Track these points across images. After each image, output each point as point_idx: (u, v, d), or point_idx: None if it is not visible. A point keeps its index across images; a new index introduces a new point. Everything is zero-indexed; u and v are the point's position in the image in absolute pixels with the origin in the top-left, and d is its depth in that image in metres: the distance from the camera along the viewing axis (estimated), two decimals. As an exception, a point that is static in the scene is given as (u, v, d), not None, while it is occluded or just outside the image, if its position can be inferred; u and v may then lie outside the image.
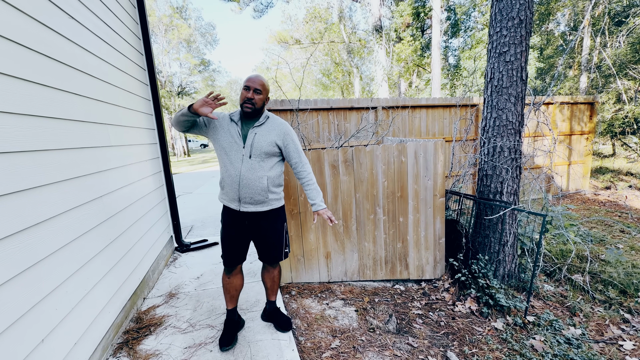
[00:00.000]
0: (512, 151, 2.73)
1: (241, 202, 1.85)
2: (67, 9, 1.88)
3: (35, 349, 1.35)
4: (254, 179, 1.80)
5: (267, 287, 2.19)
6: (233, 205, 1.88)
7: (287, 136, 1.88)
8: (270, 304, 2.24)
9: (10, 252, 1.28)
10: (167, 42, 23.06)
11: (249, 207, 1.86)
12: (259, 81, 1.79)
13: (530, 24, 2.59)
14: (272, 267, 2.13)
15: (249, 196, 1.82)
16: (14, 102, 1.38)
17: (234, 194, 1.83)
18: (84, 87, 2.02)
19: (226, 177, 1.84)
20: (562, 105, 6.21)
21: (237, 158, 1.80)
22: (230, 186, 1.83)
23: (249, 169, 1.79)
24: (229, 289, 2.07)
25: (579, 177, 6.64)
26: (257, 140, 1.80)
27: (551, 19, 13.98)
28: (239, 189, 1.81)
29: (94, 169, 2.03)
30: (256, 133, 1.81)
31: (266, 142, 1.81)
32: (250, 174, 1.79)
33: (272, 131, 1.84)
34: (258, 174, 1.80)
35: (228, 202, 1.90)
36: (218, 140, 1.83)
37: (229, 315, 2.11)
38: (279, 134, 1.85)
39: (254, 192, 1.81)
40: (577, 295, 2.72)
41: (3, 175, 1.28)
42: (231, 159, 1.80)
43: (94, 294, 1.87)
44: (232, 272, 2.03)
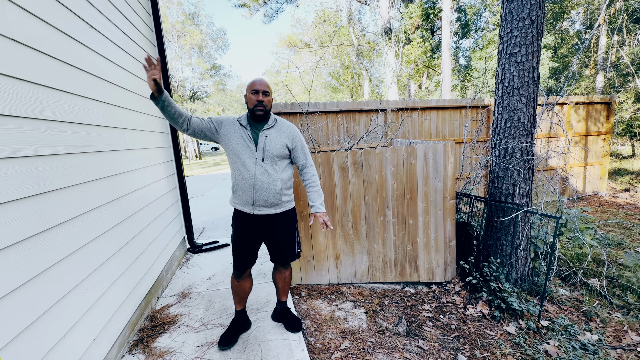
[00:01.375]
0: (524, 152, 2.70)
1: (255, 205, 1.86)
2: (89, 19, 1.97)
3: (58, 343, 1.42)
4: (268, 182, 1.82)
5: (279, 288, 2.22)
6: (246, 208, 1.89)
7: (295, 138, 1.93)
8: (281, 304, 2.27)
9: (36, 251, 1.35)
10: (180, 48, 23.60)
11: (263, 210, 1.88)
12: (265, 83, 1.83)
13: (541, 24, 2.57)
14: (284, 268, 2.16)
15: (264, 199, 1.84)
16: (39, 109, 1.46)
17: (247, 197, 1.85)
18: (103, 93, 2.11)
19: (239, 180, 1.85)
20: (577, 105, 6.07)
21: (250, 161, 1.81)
22: (243, 190, 1.84)
23: (263, 172, 1.82)
24: (238, 291, 2.10)
25: (596, 179, 6.46)
26: (268, 143, 1.83)
27: (565, 18, 13.68)
28: (253, 192, 1.83)
29: (111, 171, 2.11)
30: (267, 136, 1.84)
31: (277, 145, 1.85)
32: (264, 177, 1.82)
33: (282, 134, 1.88)
34: (272, 177, 1.84)
35: (241, 205, 1.90)
36: (230, 144, 1.85)
37: (238, 315, 2.15)
38: (289, 136, 1.90)
39: (268, 195, 1.84)
40: (593, 300, 2.65)
41: (29, 178, 1.35)
42: (244, 162, 1.81)
43: (111, 292, 1.94)
44: (242, 275, 2.04)
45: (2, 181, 1.21)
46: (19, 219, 1.28)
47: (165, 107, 1.69)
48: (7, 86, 1.28)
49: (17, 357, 1.19)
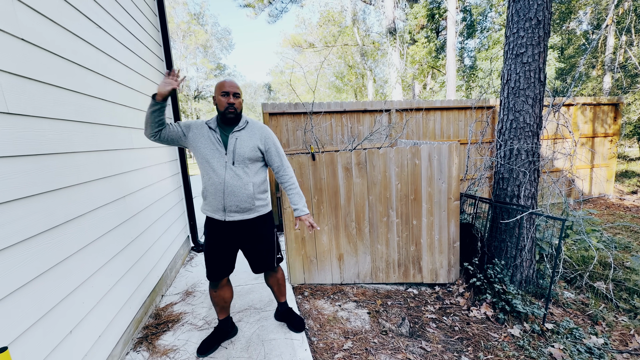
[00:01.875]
0: (529, 154, 2.68)
1: (226, 212, 1.79)
2: (96, 19, 2.00)
3: (64, 339, 1.43)
4: (239, 186, 1.75)
5: (274, 291, 2.18)
6: (217, 215, 1.81)
7: (268, 140, 1.84)
8: (281, 306, 2.25)
9: (44, 248, 1.37)
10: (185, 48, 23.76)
11: (235, 216, 1.80)
12: (235, 85, 1.75)
13: (548, 25, 2.55)
14: (273, 271, 2.09)
15: (235, 204, 1.76)
16: (48, 108, 1.48)
17: (218, 203, 1.77)
18: (110, 92, 2.13)
19: (209, 186, 1.77)
20: (584, 106, 6.01)
21: (220, 165, 1.73)
22: (214, 195, 1.77)
23: (234, 176, 1.74)
24: (217, 301, 2.01)
25: (603, 181, 6.38)
26: (239, 146, 1.75)
27: (572, 18, 13.55)
28: (223, 198, 1.75)
29: (117, 170, 2.13)
30: (237, 138, 1.76)
31: (248, 147, 1.77)
32: (235, 181, 1.74)
33: (254, 135, 1.80)
34: (243, 181, 1.76)
35: (211, 212, 1.83)
36: (199, 148, 1.76)
37: (220, 324, 2.08)
38: (261, 138, 1.82)
39: (239, 200, 1.76)
40: (599, 303, 2.62)
41: (37, 176, 1.37)
42: (214, 167, 1.73)
43: (116, 289, 1.96)
44: (219, 285, 1.96)
45: (11, 179, 1.23)
46: (27, 216, 1.30)
47: (159, 111, 1.66)
48: (17, 85, 1.30)
49: (25, 352, 1.21)
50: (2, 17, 1.24)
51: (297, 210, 1.90)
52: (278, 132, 4.51)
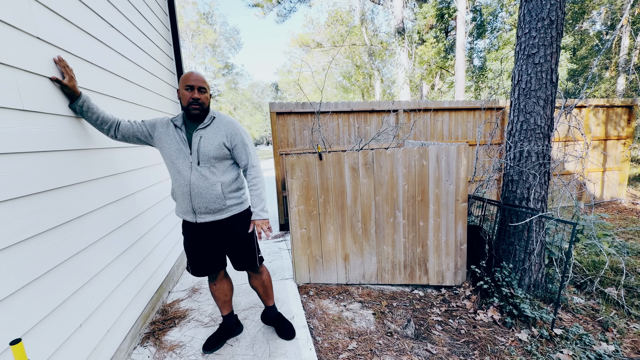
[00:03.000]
0: (540, 156, 2.63)
1: (196, 214, 1.71)
2: (109, 19, 2.03)
3: (75, 332, 1.46)
4: (205, 187, 1.65)
5: (260, 294, 2.08)
6: (189, 217, 1.74)
7: (235, 136, 1.71)
8: (270, 310, 2.15)
9: (56, 243, 1.40)
10: (194, 47, 23.98)
11: (206, 217, 1.72)
12: (200, 78, 1.63)
13: (561, 25, 2.50)
14: (256, 273, 2.00)
15: (204, 206, 1.68)
16: (61, 105, 1.51)
17: (186, 205, 1.70)
18: (121, 90, 2.17)
19: (176, 188, 1.70)
20: (596, 108, 5.89)
21: (184, 166, 1.65)
22: (181, 197, 1.69)
23: (199, 177, 1.64)
24: (217, 295, 1.99)
25: (615, 185, 6.25)
26: (203, 145, 1.64)
27: (586, 18, 13.28)
28: (191, 200, 1.67)
29: (127, 167, 2.16)
30: (201, 136, 1.65)
31: (213, 146, 1.65)
32: (200, 181, 1.64)
33: (219, 132, 1.68)
34: (210, 181, 1.66)
35: (183, 214, 1.76)
36: (164, 149, 1.69)
37: (225, 320, 2.06)
38: (227, 134, 1.69)
39: (208, 201, 1.67)
40: (610, 309, 2.56)
41: (51, 172, 1.40)
42: (178, 168, 1.65)
43: (125, 285, 1.99)
44: (216, 278, 1.95)
45: (26, 175, 1.26)
46: (41, 211, 1.32)
47: (84, 113, 1.57)
48: (33, 83, 1.33)
49: (37, 343, 1.24)
50: (19, 16, 1.27)
51: (254, 213, 1.77)
52: (285, 132, 4.53)
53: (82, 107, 1.57)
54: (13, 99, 1.22)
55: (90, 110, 1.60)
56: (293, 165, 2.73)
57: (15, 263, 1.18)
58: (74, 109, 1.58)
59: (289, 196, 2.77)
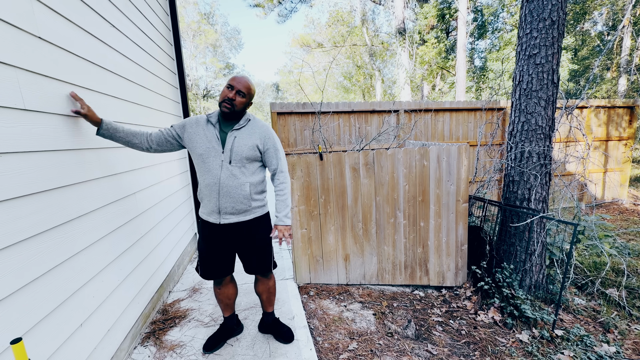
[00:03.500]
0: (541, 157, 2.63)
1: (221, 214, 1.71)
2: (111, 19, 2.03)
3: (75, 331, 1.46)
4: (234, 186, 1.66)
5: (263, 300, 2.04)
6: (212, 218, 1.73)
7: (268, 140, 1.76)
8: (268, 316, 2.12)
9: (57, 242, 1.40)
10: (195, 47, 24.00)
11: (230, 218, 1.72)
12: (244, 83, 1.67)
13: (562, 25, 2.50)
14: (266, 278, 1.98)
15: (230, 205, 1.69)
16: (61, 105, 1.51)
17: (212, 204, 1.69)
18: (123, 90, 2.17)
19: (204, 187, 1.69)
20: (597, 109, 5.87)
21: (215, 164, 1.65)
22: (208, 196, 1.69)
23: (230, 176, 1.66)
24: (221, 299, 1.97)
25: (616, 186, 6.23)
26: (237, 144, 1.67)
27: (587, 19, 13.26)
28: (218, 199, 1.67)
29: (128, 167, 2.16)
30: (236, 136, 1.69)
31: (247, 146, 1.69)
32: (230, 181, 1.65)
33: (253, 134, 1.73)
34: (239, 181, 1.67)
35: (207, 215, 1.75)
36: (194, 147, 1.69)
37: (226, 321, 2.06)
38: (260, 137, 1.74)
39: (235, 201, 1.68)
40: (611, 310, 2.56)
41: (51, 171, 1.40)
42: (209, 166, 1.66)
43: (125, 284, 1.99)
44: (222, 282, 1.93)
45: (27, 174, 1.26)
46: (41, 210, 1.32)
47: (112, 136, 1.63)
48: (34, 82, 1.33)
49: (38, 343, 1.24)
50: (21, 16, 1.27)
51: (277, 218, 1.81)
52: (286, 132, 4.53)
53: (109, 129, 1.63)
54: (14, 98, 1.22)
55: (117, 131, 1.66)
56: (294, 165, 2.73)
57: (16, 262, 1.18)
58: (102, 135, 1.64)
59: (290, 197, 2.77)
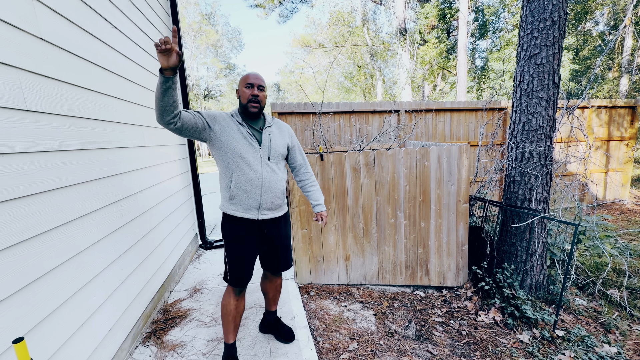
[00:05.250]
0: (542, 157, 2.63)
1: (260, 209, 1.70)
2: (111, 19, 2.04)
3: (77, 331, 1.47)
4: (275, 182, 1.70)
5: (269, 297, 2.05)
6: (250, 214, 1.69)
7: (293, 137, 1.87)
8: (271, 315, 2.12)
9: (59, 242, 1.41)
10: (196, 47, 24.05)
11: (268, 214, 1.73)
12: (260, 77, 1.66)
13: (564, 25, 2.49)
14: (276, 276, 1.98)
15: (270, 201, 1.71)
16: (63, 105, 1.52)
17: (253, 200, 1.67)
18: (123, 90, 2.18)
19: (243, 182, 1.64)
20: (599, 109, 5.86)
21: (256, 161, 1.65)
22: (248, 193, 1.65)
23: (270, 171, 1.68)
24: (235, 315, 1.78)
25: (618, 186, 6.21)
26: (274, 141, 1.72)
27: (588, 19, 13.23)
28: (261, 194, 1.67)
29: (129, 167, 2.17)
30: (270, 133, 1.72)
31: (281, 144, 1.75)
32: (271, 176, 1.69)
33: (283, 132, 1.81)
34: (278, 176, 1.73)
35: (243, 212, 1.68)
36: (229, 143, 1.62)
37: (229, 351, 1.82)
38: (289, 136, 1.84)
39: (275, 196, 1.72)
40: (612, 311, 2.55)
41: (53, 172, 1.41)
42: (249, 162, 1.63)
43: (127, 284, 1.99)
44: (242, 293, 1.80)
45: (29, 174, 1.27)
46: (43, 210, 1.33)
47: (170, 89, 1.36)
48: (36, 83, 1.34)
49: (40, 342, 1.25)
50: (23, 18, 1.28)
51: (320, 205, 1.91)
52: (286, 132, 4.53)
53: (175, 82, 1.37)
54: (16, 99, 1.23)
55: (177, 89, 1.41)
56: (294, 165, 2.73)
57: (17, 262, 1.19)
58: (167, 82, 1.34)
59: (290, 196, 2.77)
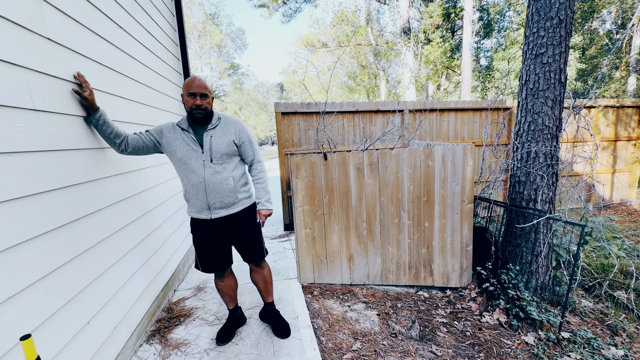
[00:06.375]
0: (548, 157, 2.60)
1: (211, 209, 1.80)
2: (118, 20, 2.06)
3: (82, 328, 1.48)
4: (219, 182, 1.76)
5: (261, 289, 2.15)
6: (203, 215, 1.82)
7: (242, 134, 1.87)
8: (268, 306, 2.20)
9: (65, 240, 1.42)
10: (200, 47, 24.15)
11: (221, 212, 1.82)
12: (202, 85, 1.72)
13: (570, 24, 2.46)
14: (259, 267, 2.09)
15: (219, 200, 1.79)
16: (69, 105, 1.53)
17: (201, 202, 1.78)
18: (129, 90, 2.19)
19: (189, 187, 1.77)
20: (606, 109, 5.79)
21: (198, 165, 1.74)
22: (196, 195, 1.77)
23: (213, 173, 1.75)
24: (225, 291, 2.08)
25: (625, 187, 6.14)
26: (215, 143, 1.76)
27: (595, 17, 13.07)
28: (206, 196, 1.76)
29: (135, 166, 2.19)
30: (212, 136, 1.78)
31: (224, 143, 1.78)
32: (214, 177, 1.75)
33: (228, 130, 1.82)
34: (223, 176, 1.78)
35: (197, 213, 1.83)
36: (174, 152, 1.76)
37: (232, 313, 2.16)
38: (235, 132, 1.84)
39: (222, 195, 1.78)
40: (619, 313, 2.52)
41: (60, 170, 1.43)
42: (192, 167, 1.74)
43: (131, 282, 2.01)
44: (224, 275, 2.04)
45: (36, 173, 1.28)
46: (50, 209, 1.34)
47: (99, 127, 1.64)
48: (43, 83, 1.35)
49: (46, 339, 1.26)
50: (30, 18, 1.29)
51: (260, 203, 1.93)
52: (290, 132, 4.53)
53: (99, 120, 1.64)
54: (24, 98, 1.24)
55: (106, 124, 1.67)
56: (298, 165, 2.74)
57: (25, 260, 1.20)
58: (91, 122, 1.64)
59: (294, 196, 2.77)
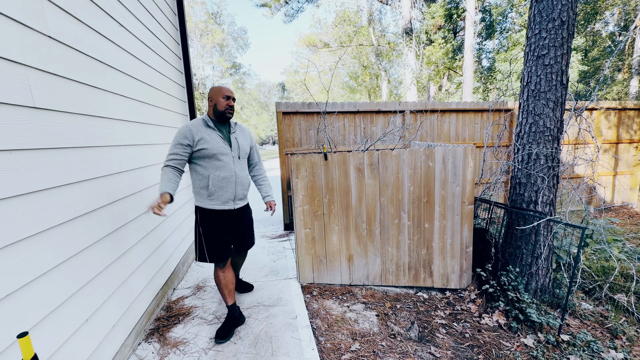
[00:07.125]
0: (549, 159, 2.59)
1: (235, 200, 2.07)
2: (119, 18, 2.06)
3: (80, 327, 1.48)
4: (244, 177, 2.09)
5: (239, 268, 2.57)
6: (228, 205, 2.05)
7: (252, 140, 2.25)
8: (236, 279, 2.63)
9: (65, 238, 1.42)
10: (202, 47, 24.16)
11: (240, 203, 2.12)
12: (232, 90, 2.05)
13: (572, 26, 2.46)
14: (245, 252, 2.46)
15: (242, 193, 2.10)
16: (70, 103, 1.53)
17: (229, 194, 2.03)
18: (130, 89, 2.19)
19: (218, 180, 1.97)
20: (608, 111, 5.77)
21: (229, 160, 2.00)
22: (224, 188, 2.00)
23: (241, 169, 2.07)
24: (226, 283, 2.17)
25: (626, 189, 6.12)
26: (240, 143, 2.08)
27: (598, 19, 13.04)
28: (235, 188, 2.04)
29: (135, 164, 2.19)
30: (236, 137, 2.08)
31: (246, 145, 2.13)
32: (241, 172, 2.07)
33: (245, 135, 2.17)
34: (246, 172, 2.13)
35: (221, 204, 2.03)
36: (209, 148, 1.94)
37: (231, 311, 2.19)
38: (249, 138, 2.21)
39: (244, 189, 2.11)
40: (619, 316, 2.51)
41: (60, 168, 1.43)
42: (224, 162, 1.98)
43: (131, 280, 2.01)
44: (226, 265, 2.18)
45: (35, 171, 1.28)
46: (49, 207, 1.35)
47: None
48: (43, 81, 1.35)
49: (43, 338, 1.26)
50: (31, 16, 1.29)
51: (269, 196, 2.33)
52: (291, 131, 4.53)
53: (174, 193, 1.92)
54: (24, 96, 1.24)
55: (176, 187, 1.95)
56: (298, 165, 2.74)
57: (23, 258, 1.20)
58: None
59: (294, 196, 2.77)
